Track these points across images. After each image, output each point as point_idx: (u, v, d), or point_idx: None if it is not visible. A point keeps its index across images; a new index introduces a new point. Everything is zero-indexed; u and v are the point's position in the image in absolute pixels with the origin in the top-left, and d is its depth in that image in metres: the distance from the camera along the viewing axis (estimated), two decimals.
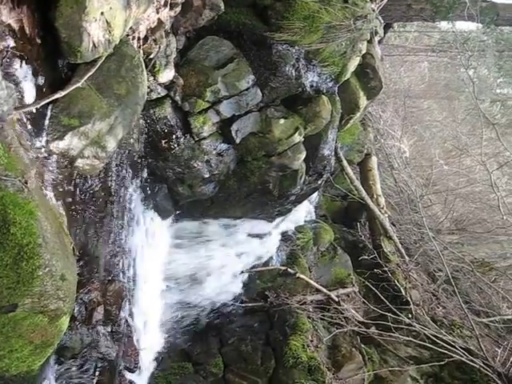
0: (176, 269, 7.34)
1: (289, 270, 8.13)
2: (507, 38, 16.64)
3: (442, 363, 7.67)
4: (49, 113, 3.97)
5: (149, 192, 6.39)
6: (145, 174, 6.20)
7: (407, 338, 7.76)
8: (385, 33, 10.36)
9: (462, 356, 7.45)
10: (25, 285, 3.42)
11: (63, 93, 3.76)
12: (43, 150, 3.97)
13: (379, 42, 9.79)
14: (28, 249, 3.35)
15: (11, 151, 3.37)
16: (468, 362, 7.46)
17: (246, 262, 8.07)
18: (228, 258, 7.78)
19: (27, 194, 3.38)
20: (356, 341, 7.83)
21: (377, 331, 8.03)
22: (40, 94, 3.84)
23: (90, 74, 4.00)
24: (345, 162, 9.72)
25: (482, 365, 7.46)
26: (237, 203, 7.25)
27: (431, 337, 7.73)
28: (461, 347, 7.63)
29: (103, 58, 4.11)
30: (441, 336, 7.77)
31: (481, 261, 11.78)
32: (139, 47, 4.98)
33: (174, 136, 6.05)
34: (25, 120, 3.76)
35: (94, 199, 4.98)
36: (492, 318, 9.46)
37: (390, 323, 7.83)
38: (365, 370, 7.39)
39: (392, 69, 16.56)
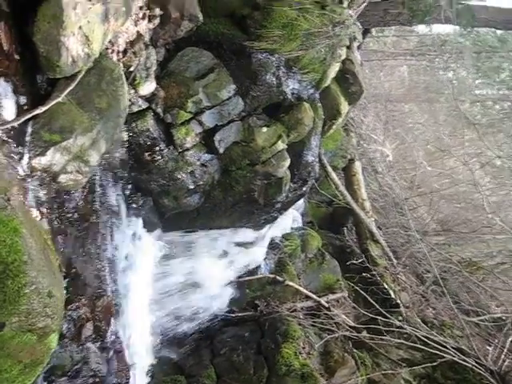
0: (164, 281, 7.28)
1: (277, 277, 8.12)
2: (484, 40, 16.85)
3: (435, 364, 7.67)
4: (29, 129, 3.94)
5: (134, 205, 6.34)
6: (129, 188, 6.16)
7: (399, 341, 7.76)
8: (363, 38, 10.42)
9: (453, 356, 7.47)
10: (11, 303, 3.38)
11: (44, 108, 3.74)
12: (25, 166, 3.93)
13: (358, 47, 9.87)
14: (13, 267, 3.32)
15: None
16: (460, 361, 7.48)
17: (234, 272, 8.03)
18: (216, 268, 7.74)
19: (10, 211, 3.35)
20: (348, 346, 7.81)
21: (368, 335, 8.03)
22: (20, 110, 3.82)
23: (70, 88, 3.98)
24: (329, 168, 9.74)
25: (474, 364, 7.48)
26: (223, 213, 7.22)
27: (422, 338, 7.74)
28: (452, 347, 7.65)
29: (83, 72, 4.10)
30: (432, 337, 7.79)
31: (468, 260, 11.86)
32: (119, 60, 4.98)
33: (157, 148, 6.02)
34: (5, 137, 3.73)
35: (79, 214, 4.94)
36: (482, 317, 9.49)
37: (380, 326, 7.84)
38: (358, 375, 7.37)
39: (372, 74, 16.69)
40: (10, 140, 3.78)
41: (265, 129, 6.76)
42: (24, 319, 3.51)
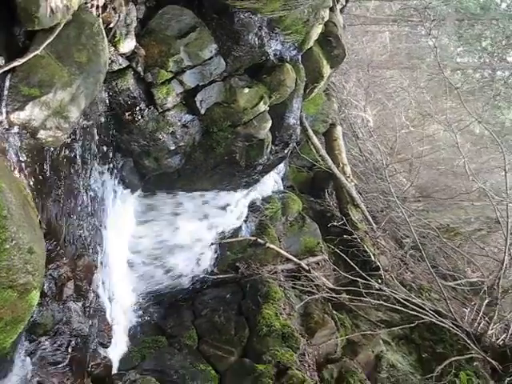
0: (145, 243, 7.28)
1: (258, 240, 8.15)
2: (466, 7, 16.82)
3: (413, 325, 7.85)
4: (7, 83, 3.84)
5: (114, 165, 6.29)
6: (109, 148, 6.09)
7: (378, 302, 7.89)
8: (346, 1, 10.32)
9: (431, 318, 7.63)
10: None
11: (22, 61, 3.65)
12: (4, 121, 3.85)
13: (341, 10, 9.78)
14: None
15: None
16: (438, 322, 7.65)
17: (215, 234, 8.05)
18: (197, 230, 7.75)
19: None
20: (328, 307, 7.92)
21: (348, 297, 8.14)
22: None
23: (49, 41, 3.89)
24: (310, 132, 9.74)
25: (451, 325, 7.66)
26: (204, 175, 7.19)
27: (401, 300, 7.88)
28: (430, 309, 7.81)
29: (62, 25, 3.99)
30: (410, 299, 7.93)
31: (446, 226, 12.06)
32: (98, 16, 4.85)
33: (137, 108, 5.93)
34: None
35: (59, 172, 4.88)
36: (458, 281, 9.71)
37: (360, 289, 7.94)
38: (337, 336, 7.49)
39: (354, 39, 16.59)
40: None
41: (247, 90, 6.68)
42: (4, 275, 3.47)
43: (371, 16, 17.50)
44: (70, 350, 5.10)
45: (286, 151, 7.79)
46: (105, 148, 5.97)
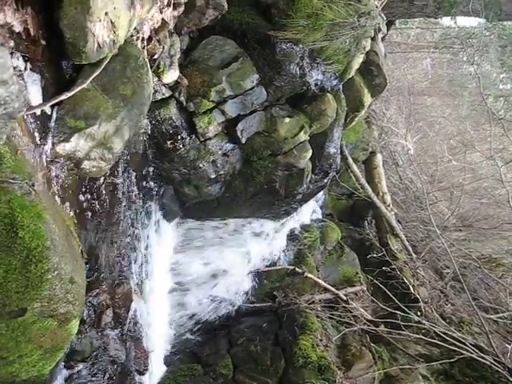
0: (183, 270, 7.31)
1: (296, 269, 8.11)
2: (510, 34, 16.56)
3: (453, 360, 7.63)
4: (54, 115, 3.94)
5: (155, 194, 6.36)
6: (151, 176, 6.17)
7: (417, 336, 7.71)
8: (387, 30, 10.29)
9: (472, 353, 7.41)
10: (34, 289, 3.39)
11: (69, 94, 3.73)
12: (49, 152, 3.93)
13: (382, 39, 9.75)
14: (36, 252, 3.31)
15: (18, 154, 3.34)
16: (478, 358, 7.42)
17: (253, 263, 8.04)
18: (235, 258, 7.75)
19: (34, 197, 3.34)
20: (365, 339, 7.79)
21: (386, 329, 7.99)
22: (45, 96, 3.81)
23: (96, 74, 3.96)
24: (350, 160, 9.69)
25: (492, 361, 7.42)
26: (243, 203, 7.21)
27: (441, 334, 7.69)
28: (471, 344, 7.60)
29: (108, 59, 4.07)
30: (450, 333, 7.73)
31: (488, 257, 11.74)
32: (143, 48, 4.95)
33: (179, 137, 6.02)
34: (31, 123, 3.73)
35: (101, 201, 4.96)
36: (501, 314, 9.42)
37: (399, 321, 7.79)
38: (375, 369, 7.35)
39: (394, 66, 16.50)
40: (35, 126, 3.78)
41: (287, 119, 6.72)
42: (46, 305, 3.51)
43: (412, 43, 17.41)
44: (106, 376, 5.14)
45: (325, 180, 7.76)
46: (146, 177, 6.06)
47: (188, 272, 7.35)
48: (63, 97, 3.72)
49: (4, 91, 1.87)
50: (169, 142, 6.00)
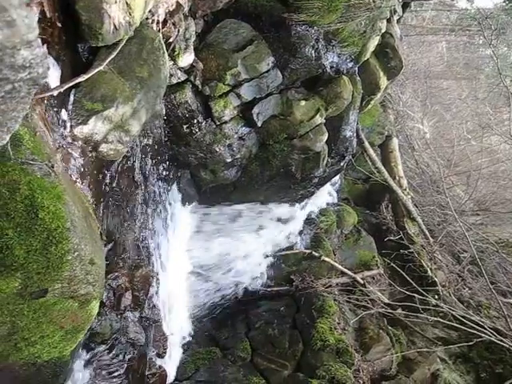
0: (200, 254, 7.34)
1: (313, 253, 8.10)
2: None
3: (471, 344, 7.60)
4: (72, 97, 3.94)
5: (172, 178, 6.38)
6: (167, 160, 6.18)
7: (435, 319, 7.69)
8: (403, 12, 10.18)
9: (490, 336, 7.37)
10: (54, 270, 3.41)
11: (86, 76, 3.73)
12: (67, 134, 3.95)
13: (398, 21, 9.65)
14: (57, 233, 3.33)
15: (37, 135, 3.36)
16: (497, 341, 7.38)
17: (270, 246, 8.04)
18: (252, 242, 7.76)
19: (54, 178, 3.36)
20: (383, 323, 7.79)
21: (403, 313, 7.98)
22: (63, 78, 3.82)
23: (112, 56, 3.96)
24: (367, 144, 9.64)
25: (511, 344, 7.38)
26: (259, 187, 7.20)
27: (459, 317, 7.66)
28: (489, 327, 7.56)
29: (124, 41, 4.06)
30: (469, 316, 7.70)
31: (505, 241, 11.66)
32: (158, 31, 4.94)
33: (195, 121, 6.01)
34: (49, 105, 3.75)
35: (119, 185, 4.97)
36: None
37: (416, 305, 7.78)
38: (393, 352, 7.34)
39: (410, 49, 16.34)
40: (53, 108, 3.79)
41: (303, 102, 6.68)
42: (66, 286, 3.54)
43: (428, 26, 17.23)
44: (126, 359, 5.18)
45: (342, 164, 7.73)
46: (163, 160, 6.07)
47: (205, 256, 7.38)
48: (80, 79, 3.72)
49: (29, 53, 1.84)
50: (185, 126, 6.01)
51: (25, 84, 1.94)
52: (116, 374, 5.11)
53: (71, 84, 3.70)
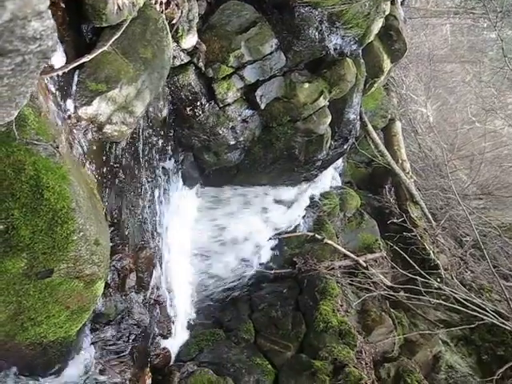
0: (204, 237, 7.37)
1: (316, 235, 8.11)
2: None
3: (473, 326, 7.61)
4: (76, 78, 3.95)
5: (175, 160, 6.39)
6: (171, 142, 6.18)
7: (437, 301, 7.71)
8: None
9: (492, 319, 7.40)
10: (60, 250, 3.44)
11: (90, 56, 3.73)
12: (72, 115, 3.96)
13: (402, 3, 9.58)
14: (62, 213, 3.36)
15: (41, 116, 3.37)
16: (499, 324, 7.41)
17: (273, 229, 8.06)
18: (255, 224, 7.79)
19: (59, 159, 3.37)
20: (385, 305, 7.82)
21: (406, 295, 8.01)
22: (67, 59, 3.82)
23: (116, 37, 3.96)
24: (370, 127, 9.61)
25: None
26: (263, 170, 7.20)
27: (461, 300, 7.67)
28: (491, 310, 7.58)
29: (128, 22, 4.07)
30: (471, 299, 7.71)
31: (508, 225, 11.66)
32: (162, 12, 4.92)
33: (198, 103, 6.01)
34: (53, 86, 3.75)
35: (123, 166, 4.99)
36: None
37: (418, 287, 7.79)
38: (395, 334, 7.38)
39: (413, 33, 16.21)
40: (57, 89, 3.80)
41: (307, 85, 6.65)
42: (72, 266, 3.57)
43: (432, 8, 17.07)
44: (131, 339, 5.23)
45: (345, 146, 7.71)
46: (166, 143, 6.08)
47: (208, 238, 7.41)
48: (84, 59, 3.73)
49: (40, 25, 1.83)
50: (188, 109, 6.00)
51: (35, 57, 1.94)
52: (121, 354, 5.16)
53: (76, 64, 3.70)
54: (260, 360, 6.55)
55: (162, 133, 5.92)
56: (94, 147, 4.35)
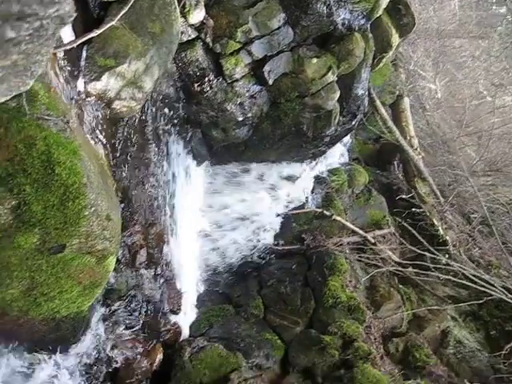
0: (212, 213, 7.39)
1: (325, 212, 8.10)
2: None
3: (481, 302, 7.63)
4: (84, 54, 3.94)
5: (183, 137, 6.37)
6: (179, 119, 6.16)
7: (446, 277, 7.73)
8: None
9: (500, 294, 7.42)
10: (72, 225, 3.45)
11: (99, 31, 3.71)
12: (81, 91, 3.95)
13: None
14: (73, 189, 3.36)
15: (51, 91, 3.36)
16: (507, 300, 7.43)
17: (281, 205, 8.07)
18: (264, 201, 7.79)
19: (70, 134, 3.37)
20: (393, 281, 7.85)
21: (414, 271, 8.02)
22: (75, 34, 3.79)
23: (124, 12, 3.93)
24: (378, 103, 9.53)
25: None
26: (271, 146, 7.18)
27: (470, 276, 7.69)
28: (499, 286, 7.59)
29: None
30: (479, 275, 7.72)
31: None
32: None
33: (206, 79, 5.96)
34: (62, 62, 3.74)
35: (132, 142, 4.98)
36: None
37: (427, 263, 7.81)
38: (403, 310, 7.43)
39: (422, 7, 16.01)
40: (66, 65, 3.78)
41: (315, 60, 6.60)
42: (84, 241, 3.59)
43: None
44: (142, 315, 5.28)
45: (353, 122, 7.68)
46: (174, 119, 6.05)
47: (217, 215, 7.43)
48: (93, 34, 3.71)
49: None
50: (196, 85, 5.96)
51: (52, 22, 1.92)
52: (132, 329, 5.21)
53: (85, 39, 3.69)
54: (269, 335, 6.61)
55: (170, 109, 5.89)
56: (104, 123, 4.34)
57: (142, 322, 5.31)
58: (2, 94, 2.22)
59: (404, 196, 9.25)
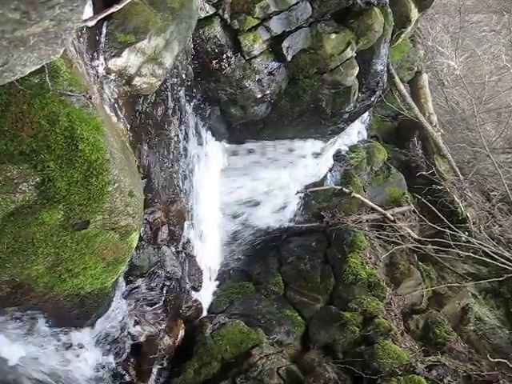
0: (232, 191, 7.40)
1: (344, 189, 8.08)
2: None
3: (501, 279, 7.59)
4: (104, 30, 3.92)
5: (202, 114, 6.35)
6: (198, 96, 6.14)
7: (466, 254, 7.68)
8: None
9: None
10: (95, 201, 3.46)
11: (119, 7, 3.67)
12: (102, 67, 3.94)
13: None
14: (97, 164, 3.36)
15: (73, 67, 3.35)
16: None
17: (300, 183, 8.05)
18: (283, 178, 7.78)
19: (92, 110, 3.36)
20: (413, 258, 7.83)
21: (434, 248, 7.99)
22: (95, 10, 3.78)
23: None
24: (397, 79, 9.45)
25: None
26: (289, 123, 7.13)
27: (490, 253, 7.63)
28: None
29: None
30: (500, 252, 7.66)
31: None
32: None
33: (224, 56, 5.92)
34: (83, 38, 3.73)
35: (152, 119, 4.98)
36: None
37: (446, 241, 7.76)
38: (423, 287, 7.42)
39: None
40: (87, 41, 3.77)
41: (333, 35, 6.52)
42: (107, 217, 3.60)
43: None
44: (164, 291, 5.32)
45: (372, 99, 7.59)
46: (193, 97, 6.03)
47: (237, 192, 7.43)
48: (113, 9, 3.67)
49: None
50: (214, 62, 5.92)
51: None
52: (155, 305, 5.26)
53: (105, 14, 3.65)
54: (290, 312, 6.65)
55: (189, 87, 5.87)
56: (124, 100, 4.34)
57: (163, 298, 5.36)
58: (32, 62, 2.21)
59: (424, 173, 9.18)
